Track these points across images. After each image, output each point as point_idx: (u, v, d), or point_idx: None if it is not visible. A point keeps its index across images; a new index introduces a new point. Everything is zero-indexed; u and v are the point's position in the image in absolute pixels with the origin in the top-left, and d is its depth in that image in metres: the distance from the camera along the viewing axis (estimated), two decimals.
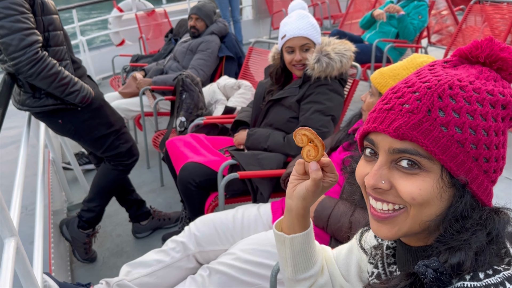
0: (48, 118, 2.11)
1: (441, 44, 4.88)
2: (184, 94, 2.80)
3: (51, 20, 1.93)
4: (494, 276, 0.60)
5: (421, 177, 0.63)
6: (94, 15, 14.88)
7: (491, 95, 0.63)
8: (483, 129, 0.62)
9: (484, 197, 0.65)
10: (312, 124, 2.01)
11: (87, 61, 6.15)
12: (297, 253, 0.91)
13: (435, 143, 0.61)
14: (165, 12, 6.32)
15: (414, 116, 0.62)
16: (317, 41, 2.06)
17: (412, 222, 0.66)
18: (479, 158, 0.63)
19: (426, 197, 0.63)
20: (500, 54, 0.66)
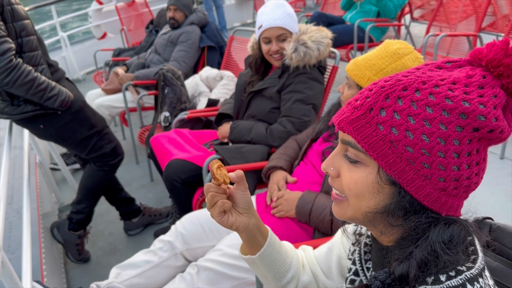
0: (29, 124, 2.10)
1: (424, 19, 4.87)
2: (166, 89, 2.79)
3: (23, 26, 1.90)
4: (456, 277, 0.61)
5: (360, 170, 0.67)
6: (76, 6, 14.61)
7: (451, 102, 0.61)
8: (424, 133, 0.61)
9: (430, 203, 0.64)
10: (293, 113, 2.02)
11: (70, 57, 6.08)
12: (271, 264, 0.93)
13: (367, 140, 0.64)
14: (146, 2, 6.22)
15: (356, 112, 0.65)
16: (293, 30, 2.05)
17: (353, 211, 0.70)
18: (416, 162, 0.62)
19: (361, 190, 0.67)
20: (503, 60, 0.62)
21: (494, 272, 0.91)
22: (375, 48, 1.51)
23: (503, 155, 2.81)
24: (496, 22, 4.04)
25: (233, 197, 0.85)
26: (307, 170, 1.68)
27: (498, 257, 0.92)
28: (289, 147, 1.88)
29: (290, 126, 2.02)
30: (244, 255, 0.94)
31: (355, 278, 0.85)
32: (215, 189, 0.82)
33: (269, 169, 1.79)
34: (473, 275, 0.61)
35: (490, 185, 2.55)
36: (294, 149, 1.87)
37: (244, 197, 0.85)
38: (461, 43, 3.74)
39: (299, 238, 1.55)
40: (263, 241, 0.90)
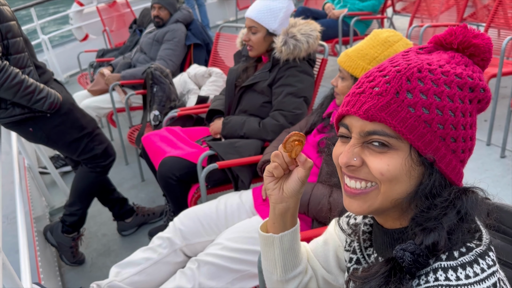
0: (18, 128, 2.07)
1: (406, 12, 4.93)
2: (155, 87, 2.78)
3: (9, 27, 1.87)
4: (468, 254, 0.63)
5: (390, 155, 0.66)
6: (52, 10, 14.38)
7: (460, 78, 0.66)
8: (450, 109, 0.65)
9: (453, 176, 0.68)
10: (285, 107, 2.04)
11: (52, 60, 5.99)
12: (287, 251, 0.91)
13: (402, 123, 0.64)
14: (127, 2, 6.17)
15: (382, 98, 0.65)
16: (267, 26, 2.06)
17: (383, 199, 0.68)
18: (446, 138, 0.65)
19: (395, 173, 0.66)
20: (472, 41, 0.68)
21: (495, 250, 0.94)
22: (364, 39, 1.53)
23: (490, 141, 2.87)
24: (477, 12, 4.12)
25: (290, 177, 0.85)
26: None
27: (497, 235, 0.95)
28: (282, 140, 1.89)
29: (283, 120, 2.03)
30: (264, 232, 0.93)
31: (357, 267, 0.85)
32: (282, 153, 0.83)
33: (264, 162, 1.80)
34: (482, 250, 0.64)
35: (478, 171, 2.61)
36: None
37: (296, 184, 0.84)
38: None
39: None
40: (290, 226, 0.90)
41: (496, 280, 0.62)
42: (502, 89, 3.23)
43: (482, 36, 0.69)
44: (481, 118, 3.23)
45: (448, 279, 0.62)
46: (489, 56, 0.70)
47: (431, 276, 0.63)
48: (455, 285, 0.61)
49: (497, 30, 3.40)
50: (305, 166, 0.82)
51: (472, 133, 0.68)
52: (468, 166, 0.71)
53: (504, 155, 2.72)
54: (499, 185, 2.47)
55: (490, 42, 0.69)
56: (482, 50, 0.68)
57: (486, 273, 0.62)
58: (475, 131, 0.70)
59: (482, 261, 0.62)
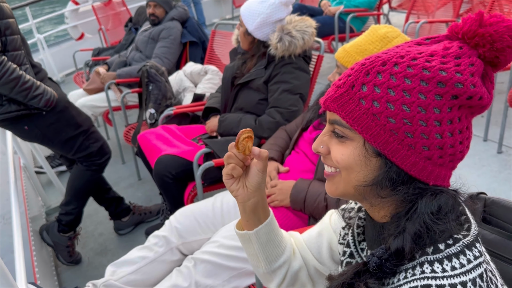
0: (13, 125, 2.06)
1: (402, 8, 4.93)
2: (150, 86, 2.76)
3: (8, 24, 1.86)
4: (454, 245, 0.63)
5: (347, 145, 0.69)
6: (48, 10, 14.31)
7: (428, 72, 0.63)
8: (404, 104, 0.63)
9: (417, 173, 0.66)
10: (281, 104, 2.03)
11: (48, 59, 5.96)
12: (265, 244, 0.92)
13: (351, 115, 0.66)
14: (123, 0, 6.14)
15: (339, 90, 0.68)
16: (246, 25, 2.07)
17: (344, 184, 0.72)
18: (399, 132, 0.64)
19: (348, 162, 0.69)
20: (477, 30, 0.64)
21: (492, 244, 0.93)
22: (362, 35, 1.52)
23: (487, 137, 2.87)
24: (473, 8, 4.11)
25: (249, 171, 0.86)
26: (299, 159, 1.68)
27: (494, 229, 0.95)
28: (279, 138, 1.89)
29: (279, 117, 2.02)
30: (240, 230, 0.93)
31: (351, 260, 0.85)
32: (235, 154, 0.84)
33: None
34: (469, 241, 0.64)
35: (475, 167, 2.61)
36: (284, 139, 1.87)
37: (257, 177, 0.85)
38: (440, 29, 3.80)
39: (295, 226, 1.56)
40: (263, 219, 0.90)
41: (482, 271, 0.62)
42: (499, 85, 3.23)
43: (493, 25, 0.63)
44: None
45: (434, 271, 0.62)
46: (498, 46, 0.63)
47: (417, 269, 0.64)
48: (440, 276, 0.61)
49: None
50: (261, 157, 0.84)
51: (442, 130, 0.64)
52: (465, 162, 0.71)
53: (501, 151, 2.72)
54: (496, 181, 2.47)
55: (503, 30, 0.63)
56: (489, 40, 0.63)
57: (473, 264, 0.62)
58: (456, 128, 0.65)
59: (468, 252, 0.63)
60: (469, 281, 0.60)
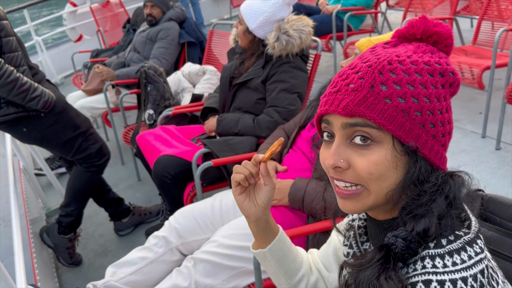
0: (12, 128, 2.06)
1: (399, 6, 4.92)
2: (149, 86, 2.77)
3: (2, 26, 1.86)
4: (456, 241, 0.64)
5: (375, 151, 0.66)
6: (45, 12, 14.31)
7: (428, 65, 0.67)
8: (425, 96, 0.66)
9: (437, 160, 0.69)
10: (279, 103, 2.03)
11: (46, 61, 5.96)
12: (281, 259, 0.96)
13: (381, 115, 0.64)
14: (120, 2, 6.14)
15: (359, 93, 0.66)
16: (247, 23, 2.08)
17: (375, 197, 0.68)
18: (425, 124, 0.66)
19: (383, 170, 0.66)
20: (434, 29, 0.71)
21: (489, 241, 0.94)
22: (388, 33, 1.51)
23: (485, 134, 2.87)
24: (470, 5, 4.12)
25: (258, 189, 0.90)
26: (297, 158, 1.69)
27: (492, 226, 0.95)
28: (277, 137, 1.89)
29: (277, 116, 2.02)
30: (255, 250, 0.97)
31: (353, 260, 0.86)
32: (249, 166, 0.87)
33: None
34: (470, 238, 0.64)
35: (474, 164, 2.61)
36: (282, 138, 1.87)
37: (268, 193, 0.89)
38: None
39: (294, 225, 1.56)
40: (273, 237, 0.94)
41: (483, 267, 0.62)
42: (496, 81, 3.23)
43: (441, 25, 0.71)
44: (476, 110, 3.24)
45: (435, 266, 0.62)
46: (451, 42, 0.72)
47: (418, 264, 0.64)
48: (441, 272, 0.61)
49: (491, 22, 3.40)
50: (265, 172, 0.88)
51: (448, 117, 0.70)
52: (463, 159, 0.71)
53: (499, 147, 2.73)
54: (495, 177, 2.47)
55: (449, 29, 0.72)
56: (445, 36, 0.71)
57: (474, 260, 0.62)
58: (451, 114, 0.72)
59: (469, 249, 0.63)
60: (470, 277, 0.60)
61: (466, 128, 3.01)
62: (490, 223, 0.96)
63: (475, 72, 2.76)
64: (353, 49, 3.53)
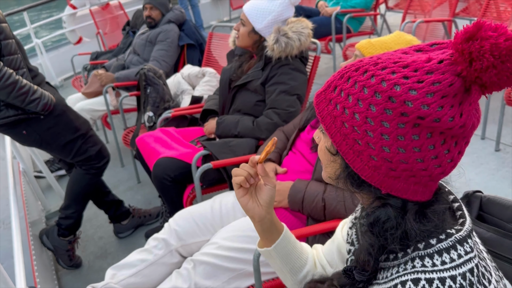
0: (12, 130, 2.06)
1: (398, 8, 4.94)
2: (148, 89, 2.77)
3: (1, 29, 1.86)
4: (446, 240, 0.64)
5: (323, 140, 0.76)
6: (45, 15, 14.34)
7: (385, 85, 0.62)
8: (355, 112, 0.66)
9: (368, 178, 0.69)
10: (278, 105, 2.03)
11: (46, 63, 5.97)
12: (286, 257, 0.98)
13: (319, 111, 0.72)
14: (120, 4, 6.16)
15: (322, 88, 0.74)
16: (254, 24, 2.07)
17: (325, 173, 0.79)
18: (350, 138, 0.68)
19: (321, 156, 0.77)
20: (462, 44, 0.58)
21: (488, 242, 0.94)
22: (387, 36, 1.53)
23: (484, 135, 2.88)
24: (469, 6, 4.12)
25: (260, 189, 0.92)
26: (297, 160, 1.69)
27: (491, 228, 0.95)
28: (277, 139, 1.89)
29: (277, 118, 2.03)
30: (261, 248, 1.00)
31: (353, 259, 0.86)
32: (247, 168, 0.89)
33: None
34: (462, 236, 0.65)
35: (474, 165, 2.61)
36: (282, 140, 1.88)
37: (270, 192, 0.91)
38: (437, 29, 3.80)
39: (293, 226, 1.56)
40: (278, 235, 0.96)
41: (473, 266, 0.62)
42: None
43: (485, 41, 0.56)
44: None
45: (424, 265, 0.63)
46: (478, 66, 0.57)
47: (409, 264, 0.66)
48: (430, 270, 0.62)
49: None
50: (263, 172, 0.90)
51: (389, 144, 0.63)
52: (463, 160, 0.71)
53: (498, 149, 2.73)
54: (494, 179, 2.47)
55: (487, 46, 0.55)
56: (467, 58, 0.58)
57: (463, 259, 0.63)
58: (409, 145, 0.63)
59: (460, 247, 0.64)
60: (458, 275, 0.61)
61: None
62: (488, 224, 0.96)
63: None
64: (353, 50, 3.54)
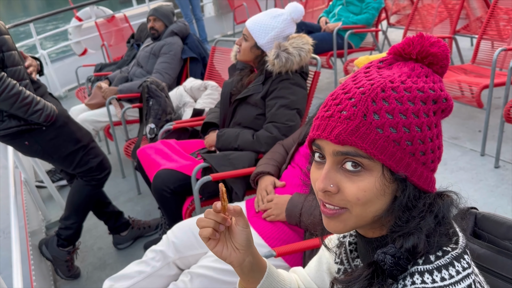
0: (14, 141, 2.08)
1: (400, 25, 4.98)
2: (151, 101, 2.80)
3: (3, 41, 1.90)
4: (444, 257, 0.65)
5: (365, 177, 0.67)
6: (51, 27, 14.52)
7: (422, 92, 0.67)
8: (416, 125, 0.66)
9: (426, 185, 0.69)
10: (278, 119, 2.05)
11: (51, 74, 6.03)
12: None
13: (373, 145, 0.65)
14: (125, 17, 6.24)
15: (351, 122, 0.65)
16: (256, 39, 2.11)
17: (357, 219, 0.70)
18: (416, 153, 0.67)
19: (370, 197, 0.67)
20: (430, 50, 0.69)
21: (481, 259, 0.94)
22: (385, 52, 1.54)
23: (484, 152, 2.88)
24: (470, 24, 4.16)
25: (232, 232, 0.84)
26: (295, 174, 1.70)
27: (484, 244, 0.96)
28: (276, 152, 1.91)
29: (276, 132, 2.05)
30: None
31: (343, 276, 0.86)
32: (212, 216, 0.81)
33: (257, 174, 1.81)
34: (458, 253, 0.66)
35: (473, 182, 2.62)
36: (281, 154, 1.89)
37: (243, 234, 0.83)
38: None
39: (291, 240, 1.57)
40: (261, 275, 0.89)
41: (471, 282, 0.63)
42: (495, 100, 3.25)
43: (438, 44, 0.70)
44: (475, 128, 3.25)
45: (424, 282, 0.64)
46: (446, 63, 0.72)
47: (408, 280, 0.65)
48: (430, 287, 0.63)
49: (490, 41, 3.44)
50: (237, 212, 0.82)
51: (439, 143, 0.70)
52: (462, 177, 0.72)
53: (498, 165, 2.73)
54: (493, 195, 2.47)
55: (446, 48, 0.71)
56: (440, 58, 0.70)
57: (461, 275, 0.64)
58: (442, 139, 0.72)
59: (457, 264, 0.65)
60: None
61: (465, 146, 3.02)
62: (483, 241, 0.97)
63: (474, 90, 2.78)
64: (354, 66, 3.57)
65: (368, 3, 4.13)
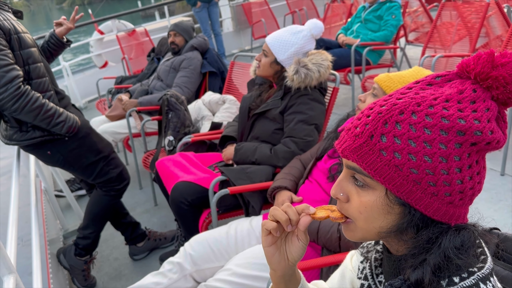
0: (37, 150, 2.13)
1: (419, 42, 4.98)
2: (170, 114, 2.84)
3: (29, 54, 1.96)
4: (469, 278, 0.64)
5: (368, 194, 0.68)
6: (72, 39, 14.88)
7: (447, 121, 0.62)
8: (425, 155, 0.63)
9: (439, 217, 0.67)
10: (296, 134, 2.06)
11: (72, 86, 6.17)
12: None
13: (372, 166, 0.65)
14: (146, 31, 6.36)
15: (358, 140, 0.66)
16: (276, 55, 2.13)
17: (363, 232, 0.72)
18: (422, 182, 0.64)
19: (371, 213, 0.68)
20: (490, 72, 0.63)
21: (504, 281, 0.93)
22: (406, 70, 1.55)
23: (504, 171, 2.84)
24: (490, 43, 4.14)
25: (291, 243, 0.81)
26: (313, 189, 1.70)
27: (507, 266, 0.94)
28: (294, 167, 1.91)
29: (294, 146, 2.05)
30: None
31: None
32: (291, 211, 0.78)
33: (274, 189, 1.81)
34: (484, 274, 0.64)
35: (492, 202, 2.57)
36: (299, 168, 1.90)
37: (300, 249, 0.80)
38: (456, 63, 3.81)
39: (308, 256, 1.56)
40: (295, 285, 0.88)
41: None
42: None
43: (505, 67, 0.63)
44: None
45: None
46: (510, 88, 0.63)
47: None
48: None
49: None
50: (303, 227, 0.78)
51: (463, 176, 0.65)
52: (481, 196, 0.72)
53: None
54: None
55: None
56: (502, 83, 0.63)
57: None
58: (475, 171, 0.66)
59: (482, 285, 0.63)
60: None
61: None
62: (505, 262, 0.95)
63: None
64: (371, 82, 3.57)
65: (387, 20, 4.15)
